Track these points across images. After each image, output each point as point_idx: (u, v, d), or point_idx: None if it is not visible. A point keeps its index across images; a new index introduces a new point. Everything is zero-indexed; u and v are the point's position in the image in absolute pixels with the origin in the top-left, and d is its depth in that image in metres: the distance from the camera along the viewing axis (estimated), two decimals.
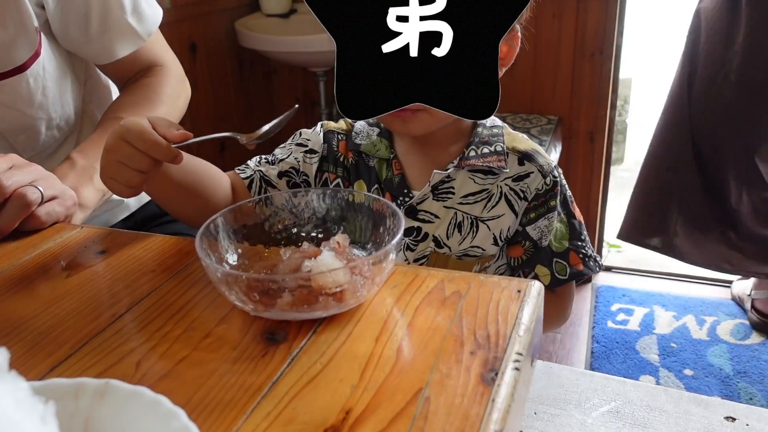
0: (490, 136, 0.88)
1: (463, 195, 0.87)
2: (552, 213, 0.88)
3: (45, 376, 0.53)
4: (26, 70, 0.94)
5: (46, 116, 1.01)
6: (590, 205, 2.36)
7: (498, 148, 0.87)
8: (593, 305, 2.25)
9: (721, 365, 1.90)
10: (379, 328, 0.57)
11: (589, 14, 2.12)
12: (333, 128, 0.93)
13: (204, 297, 0.64)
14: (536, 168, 0.87)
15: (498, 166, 0.86)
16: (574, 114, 2.26)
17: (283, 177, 0.89)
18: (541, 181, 0.87)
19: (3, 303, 0.65)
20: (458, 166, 0.86)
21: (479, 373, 0.51)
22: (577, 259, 0.89)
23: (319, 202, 0.70)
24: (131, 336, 0.58)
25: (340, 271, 0.55)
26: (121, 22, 1.01)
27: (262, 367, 0.53)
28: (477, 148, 0.87)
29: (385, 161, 0.88)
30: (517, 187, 0.87)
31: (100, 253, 0.74)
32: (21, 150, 1.00)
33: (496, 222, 0.87)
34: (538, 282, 0.63)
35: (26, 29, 0.92)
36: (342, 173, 0.90)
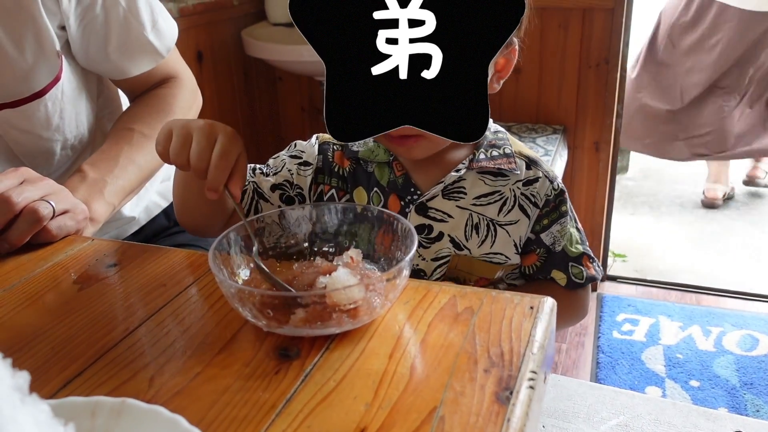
0: (497, 140, 0.89)
1: (476, 196, 0.87)
2: (564, 218, 0.89)
3: (58, 392, 0.53)
4: (45, 95, 0.95)
5: (62, 138, 1.01)
6: (595, 215, 2.36)
7: (507, 151, 0.88)
8: (598, 315, 2.25)
9: (728, 377, 1.89)
10: (392, 344, 0.57)
11: (594, 24, 2.13)
12: (328, 139, 0.92)
13: (216, 311, 0.64)
14: (542, 173, 0.88)
15: (509, 168, 0.86)
16: (579, 123, 2.26)
17: (276, 190, 0.88)
18: (549, 186, 0.88)
19: (15, 317, 0.65)
20: (469, 167, 0.86)
21: (494, 392, 0.51)
22: (588, 263, 0.90)
23: (331, 216, 0.70)
24: (144, 351, 0.58)
25: (355, 287, 0.55)
26: (141, 40, 1.01)
27: (276, 384, 0.53)
28: (486, 151, 0.87)
29: (385, 164, 0.88)
30: (528, 192, 0.87)
31: (111, 266, 0.74)
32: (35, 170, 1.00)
33: (514, 228, 0.87)
34: (550, 299, 0.62)
35: (46, 54, 0.93)
36: (337, 183, 0.89)
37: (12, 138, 0.96)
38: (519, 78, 2.28)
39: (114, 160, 0.96)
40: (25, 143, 0.98)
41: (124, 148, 0.98)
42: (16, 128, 0.95)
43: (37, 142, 0.98)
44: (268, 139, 2.59)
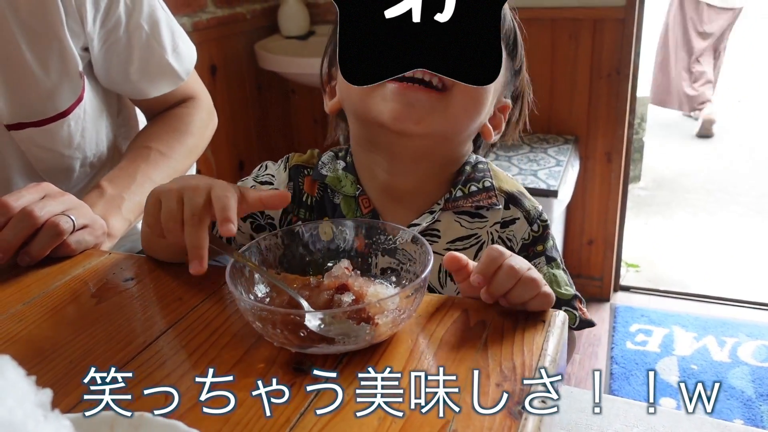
0: (476, 171, 0.83)
1: (450, 240, 0.81)
2: (539, 259, 0.81)
3: (77, 406, 0.54)
4: (68, 115, 0.97)
5: (81, 156, 1.03)
6: (608, 225, 2.35)
7: (486, 184, 0.82)
8: (611, 325, 2.24)
9: (743, 388, 1.87)
10: (405, 358, 0.58)
11: (605, 34, 2.13)
12: (298, 162, 0.86)
13: (231, 325, 0.64)
14: (522, 213, 0.82)
15: (489, 203, 0.81)
16: (591, 134, 2.26)
17: (248, 219, 0.83)
18: (527, 229, 0.81)
19: (35, 330, 0.66)
20: (444, 208, 0.81)
21: (506, 406, 0.51)
22: (581, 306, 0.82)
23: (351, 233, 0.71)
24: (160, 365, 0.59)
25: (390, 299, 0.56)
26: (162, 62, 1.03)
27: (290, 398, 0.54)
28: (464, 186, 0.82)
29: (351, 198, 0.82)
30: (504, 235, 0.82)
31: (128, 280, 0.75)
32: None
33: None
34: (562, 312, 0.63)
35: (70, 75, 0.94)
36: (304, 215, 0.84)
37: (34, 155, 0.98)
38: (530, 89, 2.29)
39: (131, 177, 0.98)
40: (46, 160, 1.00)
41: (141, 165, 1.00)
42: (38, 146, 0.97)
43: (58, 160, 1.00)
44: (281, 152, 2.60)
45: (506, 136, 0.89)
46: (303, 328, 0.56)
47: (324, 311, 0.59)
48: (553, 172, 1.98)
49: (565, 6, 2.14)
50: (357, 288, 0.61)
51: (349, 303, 0.59)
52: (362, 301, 0.59)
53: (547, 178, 1.94)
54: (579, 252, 2.42)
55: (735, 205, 3.24)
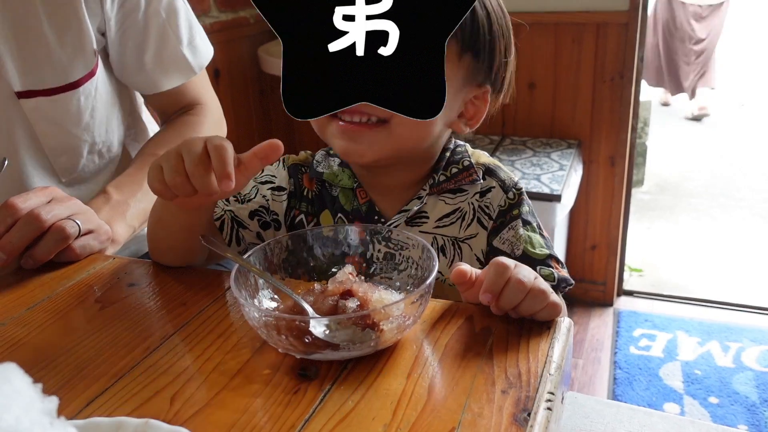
0: (454, 155, 0.87)
1: (438, 218, 0.85)
2: (515, 221, 0.85)
3: (81, 411, 0.54)
4: (79, 87, 0.97)
5: (90, 139, 1.03)
6: (611, 229, 2.35)
7: (466, 163, 0.86)
8: (615, 330, 2.23)
9: (747, 393, 1.86)
10: (410, 364, 0.58)
11: (608, 39, 2.13)
12: (296, 161, 0.89)
13: (235, 331, 0.64)
14: (497, 183, 0.86)
15: (470, 180, 0.85)
16: (594, 138, 2.26)
17: (255, 217, 0.86)
18: (503, 196, 0.85)
19: (39, 335, 0.66)
20: (430, 193, 0.85)
21: (511, 413, 0.51)
22: (557, 265, 0.84)
23: (356, 237, 0.71)
24: (165, 370, 0.59)
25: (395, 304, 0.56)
26: (177, 53, 1.05)
27: (295, 404, 0.54)
28: (445, 170, 0.86)
29: (349, 190, 0.86)
30: (482, 203, 0.86)
31: (132, 285, 0.75)
32: (60, 172, 1.03)
33: (475, 241, 0.86)
34: (567, 318, 0.63)
35: (84, 50, 0.96)
36: (306, 208, 0.87)
37: (41, 129, 0.98)
38: (533, 93, 2.29)
39: (138, 183, 0.98)
40: (53, 136, 0.99)
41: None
42: (46, 119, 0.97)
43: (65, 138, 1.00)
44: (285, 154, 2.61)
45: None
46: (308, 334, 0.56)
47: (329, 317, 0.59)
48: (556, 177, 1.98)
49: (568, 10, 2.14)
50: (361, 294, 0.60)
51: (353, 309, 0.58)
52: (367, 307, 0.59)
53: (551, 183, 1.94)
54: (582, 256, 2.42)
55: (739, 209, 3.24)
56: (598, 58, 2.17)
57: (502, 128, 2.37)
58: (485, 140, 2.32)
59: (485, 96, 0.82)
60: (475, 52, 0.77)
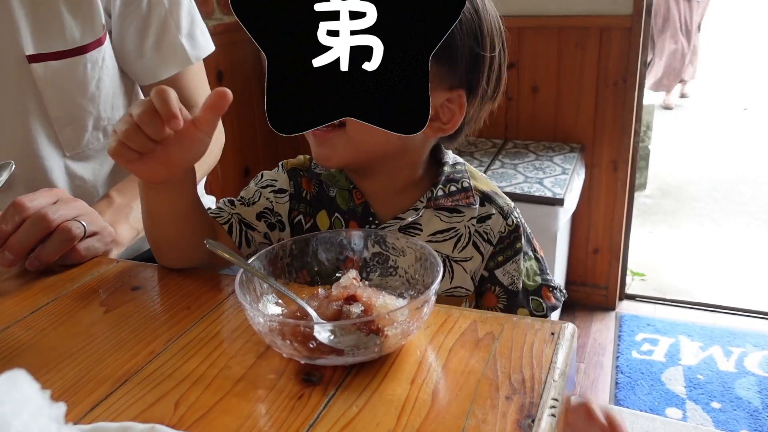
0: (455, 173, 0.88)
1: (432, 233, 0.86)
2: (519, 255, 0.87)
3: (86, 415, 0.54)
4: (87, 53, 0.99)
5: (95, 112, 1.04)
6: (613, 233, 2.35)
7: (465, 185, 0.87)
8: (617, 334, 2.23)
9: (750, 398, 1.86)
10: (414, 370, 0.58)
11: (612, 43, 2.13)
12: (294, 165, 0.91)
13: (239, 335, 0.64)
14: (496, 210, 0.87)
15: (467, 203, 0.86)
16: (597, 142, 2.26)
17: (261, 218, 0.87)
18: (503, 223, 0.87)
19: (43, 339, 0.66)
20: (427, 206, 0.85)
21: (515, 420, 0.51)
22: (548, 293, 0.88)
23: (359, 242, 0.71)
24: (169, 375, 0.59)
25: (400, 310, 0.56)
26: (176, 42, 1.07)
27: (299, 409, 0.54)
28: (444, 186, 0.87)
29: (346, 191, 0.87)
30: (481, 229, 0.86)
31: (136, 289, 0.75)
32: (64, 144, 1.04)
33: (469, 264, 0.86)
34: (571, 324, 0.63)
35: (93, 22, 0.98)
36: (304, 209, 0.89)
37: (49, 97, 0.99)
38: (536, 96, 2.29)
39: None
40: (60, 104, 1.01)
41: None
42: (55, 84, 0.99)
43: (70, 108, 1.02)
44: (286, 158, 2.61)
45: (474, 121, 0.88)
46: (312, 339, 0.56)
47: (334, 322, 0.59)
48: (558, 180, 1.98)
49: (571, 14, 2.14)
50: (366, 299, 0.61)
51: (358, 314, 0.58)
52: (371, 313, 0.59)
53: (553, 186, 1.94)
54: (585, 260, 2.42)
55: (741, 214, 3.23)
56: (601, 62, 2.17)
57: (504, 131, 2.37)
58: (488, 143, 2.32)
59: (460, 99, 0.80)
60: (436, 56, 0.77)
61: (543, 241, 1.99)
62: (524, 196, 1.91)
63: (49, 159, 1.02)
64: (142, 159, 0.69)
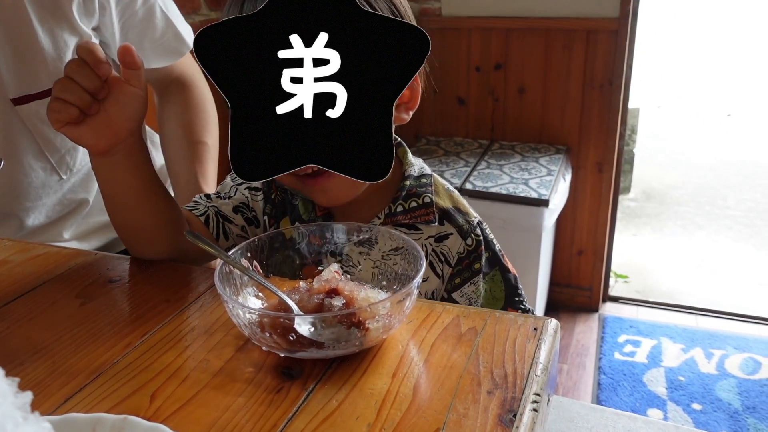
0: (418, 186, 0.85)
1: (386, 251, 0.80)
2: (477, 277, 0.83)
3: (59, 408, 0.53)
4: None
5: None
6: (597, 235, 2.36)
7: (426, 200, 0.84)
8: (600, 336, 2.24)
9: (730, 400, 1.87)
10: (395, 364, 0.57)
11: (598, 45, 2.14)
12: None
13: (218, 329, 0.63)
14: (455, 229, 0.83)
15: (426, 220, 0.83)
16: (582, 144, 2.27)
17: (238, 212, 0.88)
18: (462, 243, 0.83)
19: (18, 329, 0.65)
20: (384, 222, 0.83)
21: (497, 414, 0.50)
22: (512, 311, 0.84)
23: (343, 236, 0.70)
24: (145, 368, 0.58)
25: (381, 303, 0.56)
26: (176, 36, 1.09)
27: (278, 402, 0.53)
28: (405, 202, 0.84)
29: (309, 201, 0.86)
30: (438, 249, 0.83)
31: (113, 282, 0.74)
32: (61, 170, 1.02)
33: (424, 285, 0.84)
34: (554, 320, 0.62)
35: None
36: (270, 211, 0.88)
37: (40, 133, 0.97)
38: (523, 98, 2.29)
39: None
40: (52, 139, 0.99)
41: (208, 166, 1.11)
42: (45, 123, 0.96)
43: (63, 140, 1.00)
44: None
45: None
46: (293, 332, 0.56)
47: (315, 315, 0.58)
48: (544, 182, 1.99)
49: (559, 16, 2.15)
50: (347, 292, 0.60)
51: (339, 307, 0.58)
52: (353, 306, 0.58)
53: (539, 188, 1.94)
54: (569, 262, 2.43)
55: (724, 218, 3.26)
56: (587, 65, 2.18)
57: (491, 133, 2.38)
58: (474, 144, 2.32)
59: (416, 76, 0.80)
60: None
61: (528, 242, 2.01)
62: (510, 196, 1.91)
63: (46, 186, 1.01)
64: (85, 122, 0.69)
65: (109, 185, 0.77)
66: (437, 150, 2.29)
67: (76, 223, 1.07)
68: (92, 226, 1.09)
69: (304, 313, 0.59)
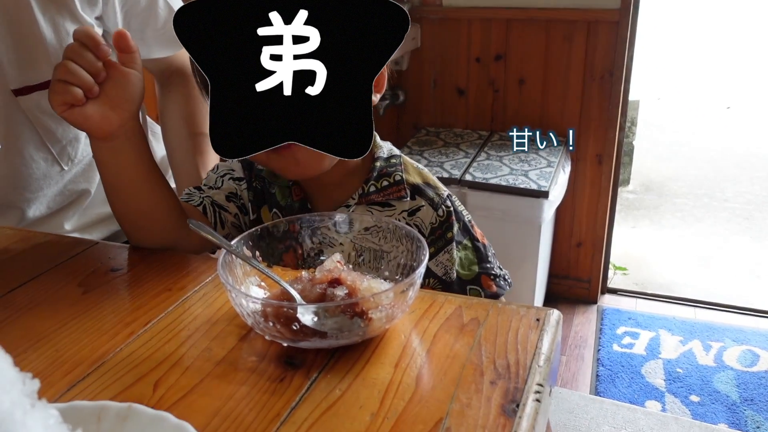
0: (388, 167, 0.87)
1: (362, 229, 0.83)
2: (450, 245, 0.86)
3: (63, 395, 0.53)
4: None
5: None
6: (597, 227, 2.36)
7: (397, 178, 0.86)
8: (598, 328, 2.24)
9: (728, 392, 1.88)
10: (398, 354, 0.57)
11: (599, 37, 2.13)
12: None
13: (221, 318, 0.64)
14: (426, 202, 0.86)
15: (398, 196, 0.85)
16: (582, 135, 2.27)
17: (231, 200, 0.89)
18: (433, 214, 0.86)
19: (21, 318, 0.65)
20: (359, 203, 0.85)
21: (500, 404, 0.50)
22: (489, 282, 0.87)
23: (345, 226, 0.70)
24: (148, 356, 0.58)
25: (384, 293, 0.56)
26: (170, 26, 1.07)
27: (281, 392, 0.53)
28: (377, 182, 0.86)
29: (286, 188, 0.87)
30: (412, 221, 0.86)
31: (115, 270, 0.74)
32: (62, 161, 1.02)
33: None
34: (556, 311, 0.62)
35: None
36: (252, 198, 0.90)
37: (42, 124, 0.97)
38: (523, 89, 2.29)
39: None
40: (53, 130, 0.99)
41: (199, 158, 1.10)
42: (45, 113, 0.96)
43: (65, 131, 1.00)
44: None
45: None
46: (296, 321, 0.56)
47: (317, 304, 0.58)
48: (544, 173, 1.98)
49: (559, 7, 2.14)
50: (350, 282, 0.60)
51: (342, 297, 0.58)
52: (356, 296, 0.58)
53: (538, 179, 1.94)
54: (568, 254, 2.43)
55: (723, 210, 3.27)
56: (588, 56, 2.17)
57: (491, 124, 2.37)
58: (474, 135, 2.32)
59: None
60: None
61: (527, 233, 2.01)
62: (509, 188, 1.91)
63: (47, 177, 1.01)
64: (87, 105, 0.70)
65: (111, 171, 0.77)
66: (437, 141, 2.29)
67: (78, 214, 1.07)
68: (93, 217, 1.09)
69: (307, 303, 0.59)
